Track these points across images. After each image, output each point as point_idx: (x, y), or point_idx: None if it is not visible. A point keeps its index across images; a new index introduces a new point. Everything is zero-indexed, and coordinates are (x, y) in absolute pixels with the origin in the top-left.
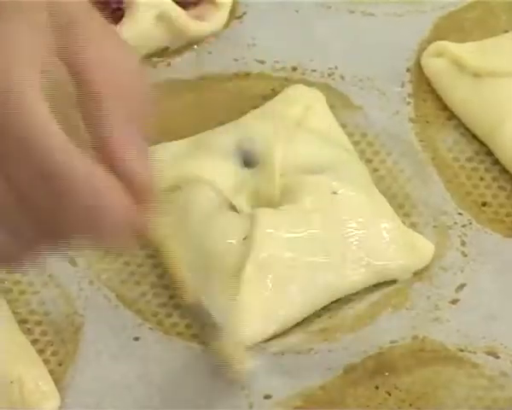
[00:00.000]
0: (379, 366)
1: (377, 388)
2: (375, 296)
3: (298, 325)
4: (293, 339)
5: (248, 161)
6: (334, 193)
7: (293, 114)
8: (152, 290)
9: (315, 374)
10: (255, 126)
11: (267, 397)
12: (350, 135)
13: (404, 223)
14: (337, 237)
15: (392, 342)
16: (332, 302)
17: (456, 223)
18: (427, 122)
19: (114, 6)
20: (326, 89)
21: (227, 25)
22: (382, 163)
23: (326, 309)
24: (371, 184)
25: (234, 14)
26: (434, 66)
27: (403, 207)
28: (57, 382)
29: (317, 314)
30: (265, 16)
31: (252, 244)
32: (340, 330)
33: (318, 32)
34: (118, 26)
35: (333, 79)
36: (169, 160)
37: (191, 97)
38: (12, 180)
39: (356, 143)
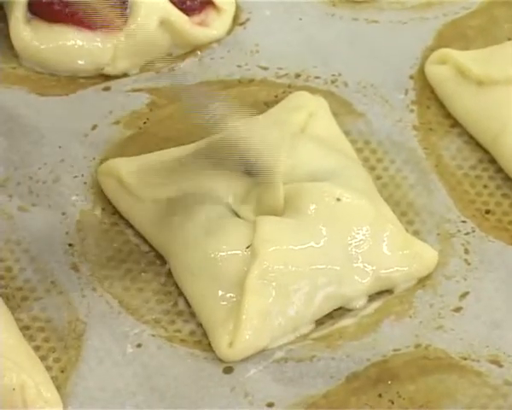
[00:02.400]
0: (382, 374)
1: (380, 396)
2: (378, 304)
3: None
4: (295, 346)
5: (252, 168)
6: (338, 200)
7: (296, 121)
8: (155, 297)
9: (318, 382)
10: None
11: (270, 405)
12: (353, 142)
13: (407, 230)
14: (340, 244)
15: (395, 350)
16: (335, 309)
17: (459, 231)
18: (431, 130)
19: (118, 12)
20: (329, 96)
21: (230, 31)
22: (385, 170)
23: (329, 316)
24: (375, 191)
25: (237, 21)
26: (438, 73)
27: (406, 214)
28: (60, 388)
29: (320, 321)
30: (269, 23)
31: (254, 253)
32: (342, 337)
33: (322, 39)
34: (121, 32)
35: (336, 86)
36: (173, 168)
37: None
38: None
39: (359, 151)
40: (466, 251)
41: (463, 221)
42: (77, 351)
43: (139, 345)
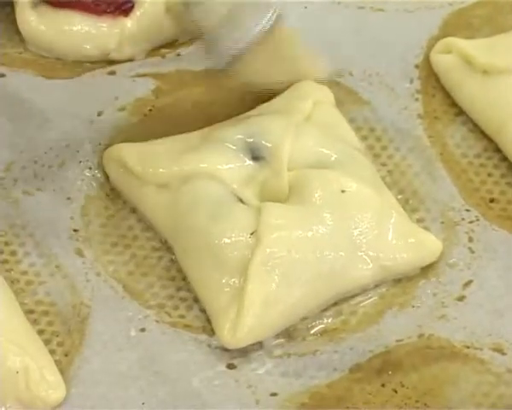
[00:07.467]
0: (385, 365)
1: (383, 385)
2: (382, 294)
3: (302, 325)
4: (297, 342)
5: (257, 154)
6: (343, 189)
7: (301, 110)
8: (159, 282)
9: (321, 374)
10: (264, 121)
11: (273, 395)
12: (358, 130)
13: (411, 218)
14: (345, 232)
15: (398, 340)
16: (337, 301)
17: (463, 219)
18: (436, 118)
19: None
20: (335, 84)
21: None
22: (390, 158)
23: (331, 308)
24: (379, 179)
25: None
26: (443, 62)
27: (410, 202)
28: (63, 372)
29: (323, 315)
30: None
31: (259, 238)
32: (345, 330)
33: (327, 28)
34: (128, 18)
35: (342, 74)
36: (177, 153)
37: (200, 90)
38: None
39: (364, 138)
40: (470, 239)
41: (467, 210)
42: (80, 335)
43: (143, 329)
